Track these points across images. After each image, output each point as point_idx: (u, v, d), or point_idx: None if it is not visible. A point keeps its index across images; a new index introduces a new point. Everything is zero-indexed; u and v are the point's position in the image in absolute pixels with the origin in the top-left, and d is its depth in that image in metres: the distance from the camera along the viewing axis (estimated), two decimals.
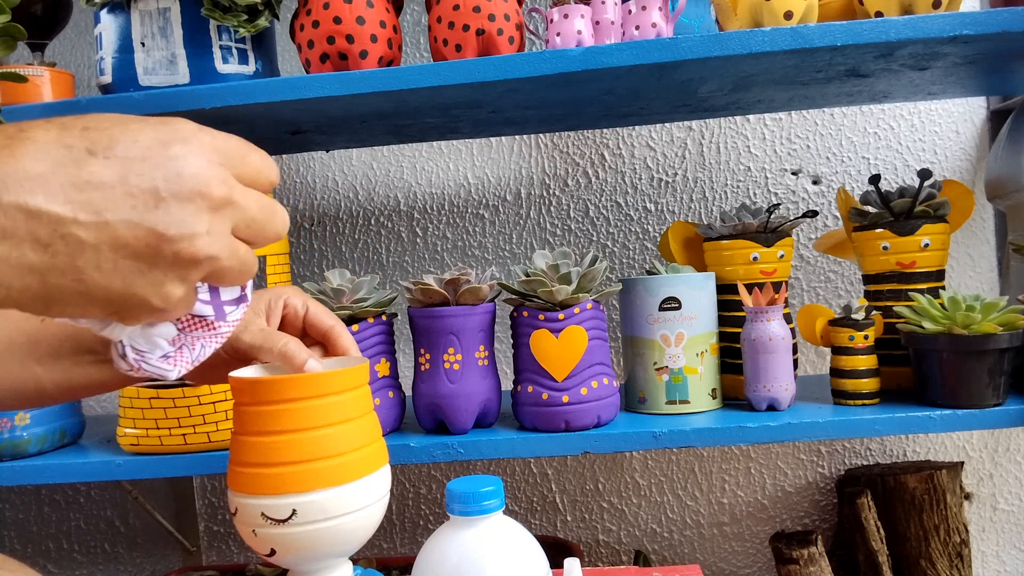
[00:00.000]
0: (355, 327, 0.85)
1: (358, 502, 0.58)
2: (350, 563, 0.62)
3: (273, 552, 0.56)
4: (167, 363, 0.44)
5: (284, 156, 1.27)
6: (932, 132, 1.20)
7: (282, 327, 0.62)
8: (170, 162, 0.34)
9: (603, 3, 0.85)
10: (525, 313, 0.86)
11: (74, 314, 0.35)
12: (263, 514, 0.56)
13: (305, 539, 0.56)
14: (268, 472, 0.56)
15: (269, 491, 0.56)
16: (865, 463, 1.23)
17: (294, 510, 0.55)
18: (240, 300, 0.45)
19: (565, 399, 0.84)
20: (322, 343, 0.63)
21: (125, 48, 0.87)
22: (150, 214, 0.34)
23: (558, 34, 0.83)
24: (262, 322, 0.60)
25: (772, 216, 0.94)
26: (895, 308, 0.90)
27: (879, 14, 0.81)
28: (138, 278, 0.35)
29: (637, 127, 1.22)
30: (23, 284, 0.33)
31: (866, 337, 0.87)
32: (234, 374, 0.59)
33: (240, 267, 0.38)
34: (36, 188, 0.32)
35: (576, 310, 0.84)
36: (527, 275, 0.86)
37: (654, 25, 0.83)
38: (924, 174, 0.90)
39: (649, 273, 0.95)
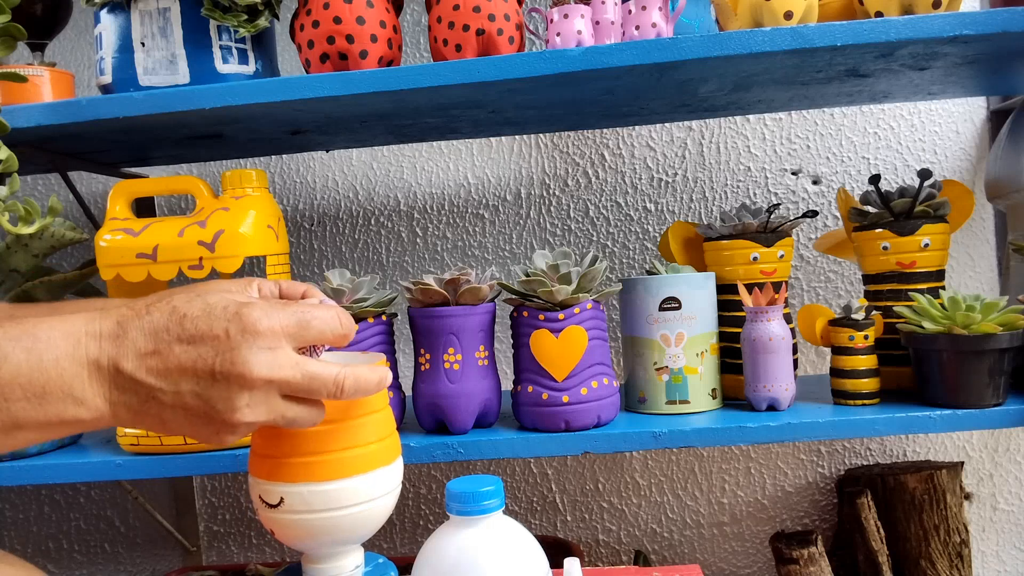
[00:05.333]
0: (355, 327, 0.85)
1: (371, 492, 0.59)
2: (361, 549, 0.63)
3: (273, 534, 0.59)
4: None
5: (284, 156, 1.27)
6: (932, 132, 1.20)
7: None
8: (228, 352, 0.48)
9: (603, 3, 0.85)
10: (525, 313, 0.86)
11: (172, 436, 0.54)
12: (291, 498, 0.57)
13: (324, 525, 0.57)
14: (293, 462, 0.57)
15: (288, 479, 0.57)
16: (865, 463, 1.23)
17: (311, 498, 0.57)
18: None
19: (565, 399, 0.84)
20: None
21: (125, 48, 0.87)
22: (206, 390, 0.48)
23: (558, 34, 0.83)
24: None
25: (772, 216, 0.94)
26: (895, 308, 0.90)
27: (879, 14, 0.81)
28: (200, 429, 0.50)
29: (637, 127, 1.22)
30: (129, 419, 0.49)
31: (866, 337, 0.87)
32: None
33: (284, 421, 0.51)
34: (141, 363, 0.48)
35: (576, 310, 0.84)
36: (527, 275, 0.86)
37: (654, 25, 0.83)
38: (924, 174, 0.90)
39: (649, 273, 0.95)
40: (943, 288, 0.92)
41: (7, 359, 0.45)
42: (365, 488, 0.59)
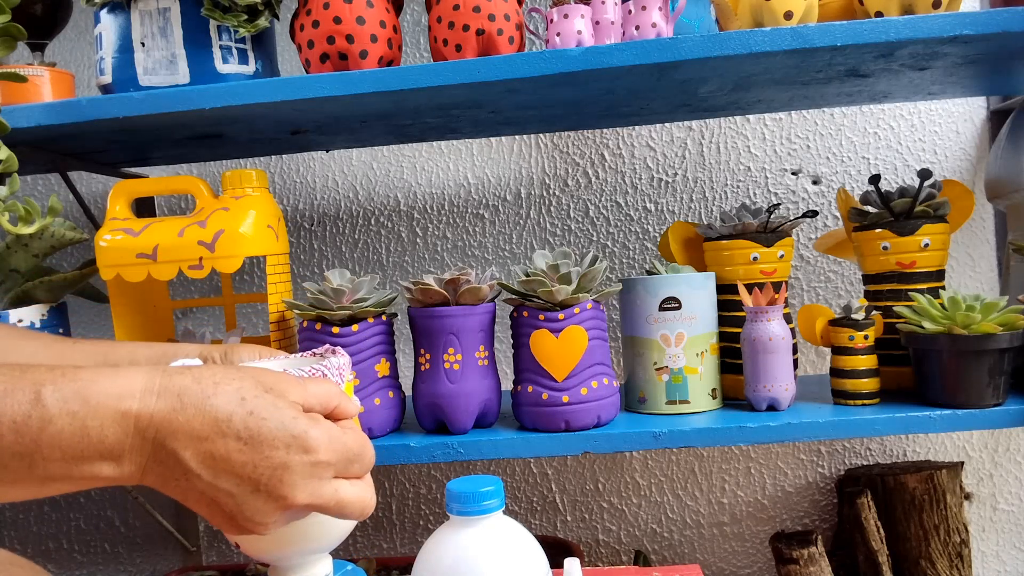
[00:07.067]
0: (355, 327, 0.85)
1: None
2: (329, 558, 0.62)
3: (238, 545, 0.57)
4: None
5: (284, 156, 1.27)
6: (932, 132, 1.20)
7: None
8: (280, 470, 0.47)
9: (603, 3, 0.85)
10: (525, 313, 0.86)
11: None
12: None
13: (289, 535, 0.56)
14: None
15: None
16: (865, 463, 1.23)
17: None
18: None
19: (565, 399, 0.84)
20: None
21: (125, 48, 0.87)
22: (244, 496, 0.47)
23: (558, 34, 0.83)
24: None
25: (772, 216, 0.94)
26: (895, 308, 0.90)
27: (879, 14, 0.81)
28: (218, 519, 0.49)
29: (637, 127, 1.22)
30: (154, 484, 0.48)
31: (866, 337, 0.87)
32: None
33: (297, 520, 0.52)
34: (190, 445, 0.46)
35: (576, 310, 0.84)
36: (527, 275, 0.86)
37: (654, 25, 0.83)
38: (924, 174, 0.90)
39: (649, 273, 0.95)
40: (943, 288, 0.92)
41: (51, 423, 0.44)
42: None
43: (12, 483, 0.45)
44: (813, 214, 0.95)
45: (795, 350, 0.94)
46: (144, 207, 1.22)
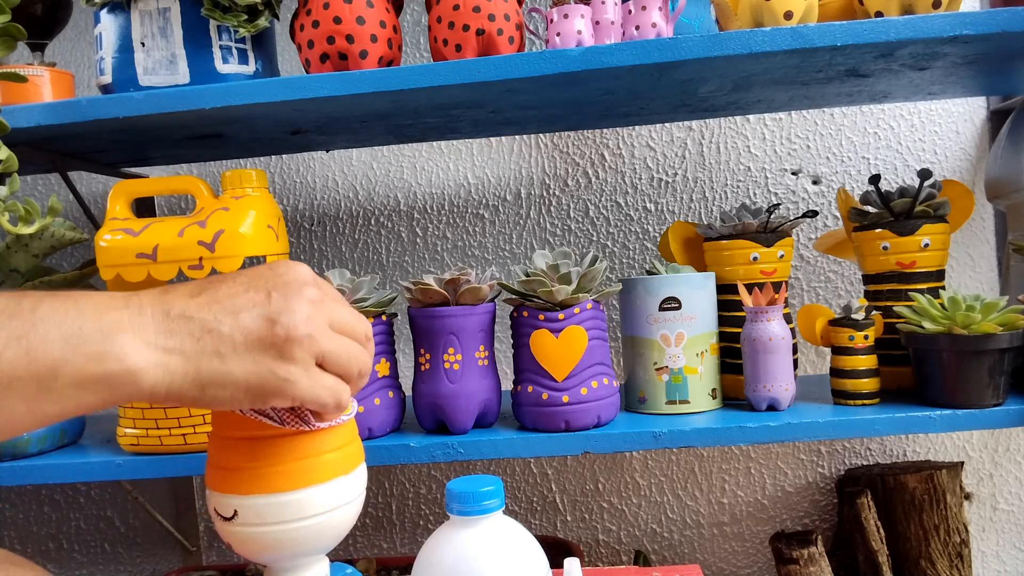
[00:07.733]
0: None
1: (329, 503, 0.57)
2: (326, 559, 0.62)
3: (229, 547, 0.57)
4: None
5: (284, 156, 1.27)
6: (932, 132, 1.20)
7: None
8: (276, 276, 0.51)
9: (603, 3, 0.85)
10: (525, 313, 0.86)
11: (225, 398, 0.48)
12: (237, 512, 0.56)
13: (280, 537, 0.56)
14: (246, 473, 0.55)
15: (241, 491, 0.55)
16: (865, 463, 1.23)
17: (264, 510, 0.55)
18: None
19: (565, 399, 0.84)
20: None
21: (125, 48, 0.87)
22: (265, 307, 0.49)
23: (558, 34, 0.83)
24: None
25: (772, 216, 0.94)
26: (895, 308, 0.90)
27: (879, 14, 0.81)
28: (262, 361, 0.48)
29: (637, 127, 1.22)
30: (184, 370, 0.46)
31: (866, 337, 0.87)
32: None
33: (332, 358, 0.51)
34: (191, 303, 0.48)
35: (576, 310, 0.84)
36: (527, 275, 0.86)
37: (654, 25, 0.83)
38: (924, 174, 0.90)
39: (649, 273, 0.95)
40: (943, 288, 0.92)
41: (43, 301, 0.44)
42: (321, 499, 0.56)
43: (9, 387, 0.42)
44: (813, 214, 0.95)
45: (795, 350, 0.94)
46: (144, 207, 1.22)
